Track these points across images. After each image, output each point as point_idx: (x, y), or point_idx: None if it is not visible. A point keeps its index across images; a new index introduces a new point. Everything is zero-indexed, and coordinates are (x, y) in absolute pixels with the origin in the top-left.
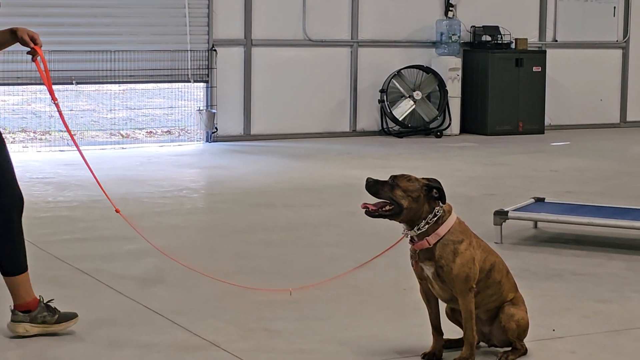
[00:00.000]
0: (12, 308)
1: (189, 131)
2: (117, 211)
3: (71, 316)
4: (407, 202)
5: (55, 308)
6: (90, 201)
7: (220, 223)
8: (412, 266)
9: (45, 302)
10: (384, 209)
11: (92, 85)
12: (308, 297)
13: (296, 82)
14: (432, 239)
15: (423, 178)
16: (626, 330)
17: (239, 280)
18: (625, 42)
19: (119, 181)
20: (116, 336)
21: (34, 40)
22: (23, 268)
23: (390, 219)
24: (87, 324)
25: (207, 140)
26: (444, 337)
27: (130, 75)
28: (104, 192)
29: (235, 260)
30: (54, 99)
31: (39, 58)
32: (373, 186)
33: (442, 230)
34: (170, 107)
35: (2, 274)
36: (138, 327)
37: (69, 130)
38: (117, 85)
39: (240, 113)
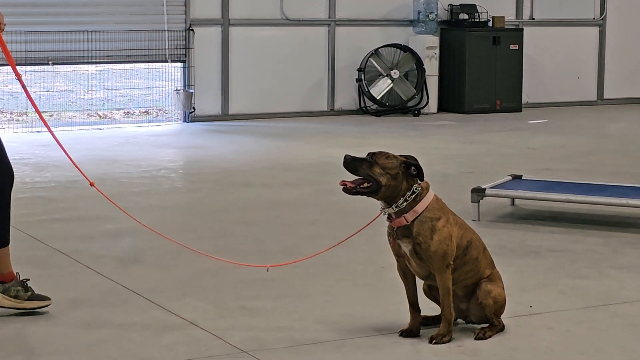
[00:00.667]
0: None
1: (166, 111)
2: (91, 184)
3: (44, 298)
4: (386, 180)
5: (29, 287)
6: (67, 182)
7: (198, 202)
8: (390, 244)
9: (21, 279)
10: (362, 186)
11: (69, 65)
12: (285, 275)
13: (274, 62)
14: (409, 216)
15: (401, 155)
16: (603, 306)
17: (215, 260)
18: (602, 19)
19: (96, 162)
20: (93, 316)
21: None
22: (6, 241)
23: (368, 196)
24: (64, 304)
25: (184, 120)
26: (422, 314)
27: (108, 56)
28: (74, 164)
29: (213, 239)
30: (17, 75)
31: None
32: (351, 163)
33: (420, 207)
34: (148, 88)
35: None
36: (115, 307)
37: (32, 101)
38: (94, 65)
39: (218, 93)
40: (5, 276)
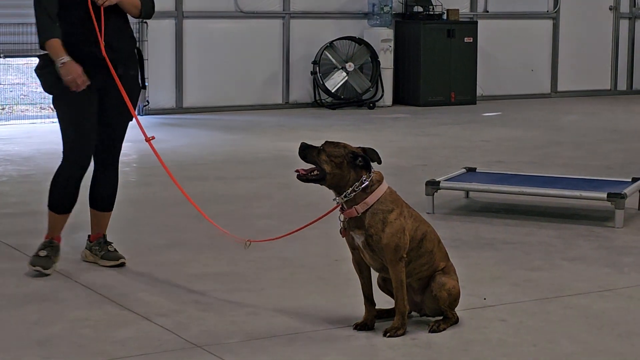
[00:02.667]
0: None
1: None
2: (148, 140)
3: (116, 257)
4: (330, 167)
5: (104, 247)
6: (19, 176)
7: (151, 196)
8: (341, 234)
9: (103, 240)
10: (312, 173)
11: (22, 58)
12: (239, 269)
13: (228, 55)
14: (360, 208)
15: (359, 147)
16: (556, 297)
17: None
18: (555, 12)
19: (49, 155)
20: (45, 311)
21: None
22: (104, 207)
23: (319, 184)
24: (15, 300)
25: (138, 114)
26: (376, 307)
27: None
28: (138, 123)
29: (166, 233)
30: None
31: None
32: (303, 150)
33: (371, 199)
34: None
35: (99, 209)
36: (68, 302)
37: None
38: None
39: (172, 86)
40: (93, 236)
